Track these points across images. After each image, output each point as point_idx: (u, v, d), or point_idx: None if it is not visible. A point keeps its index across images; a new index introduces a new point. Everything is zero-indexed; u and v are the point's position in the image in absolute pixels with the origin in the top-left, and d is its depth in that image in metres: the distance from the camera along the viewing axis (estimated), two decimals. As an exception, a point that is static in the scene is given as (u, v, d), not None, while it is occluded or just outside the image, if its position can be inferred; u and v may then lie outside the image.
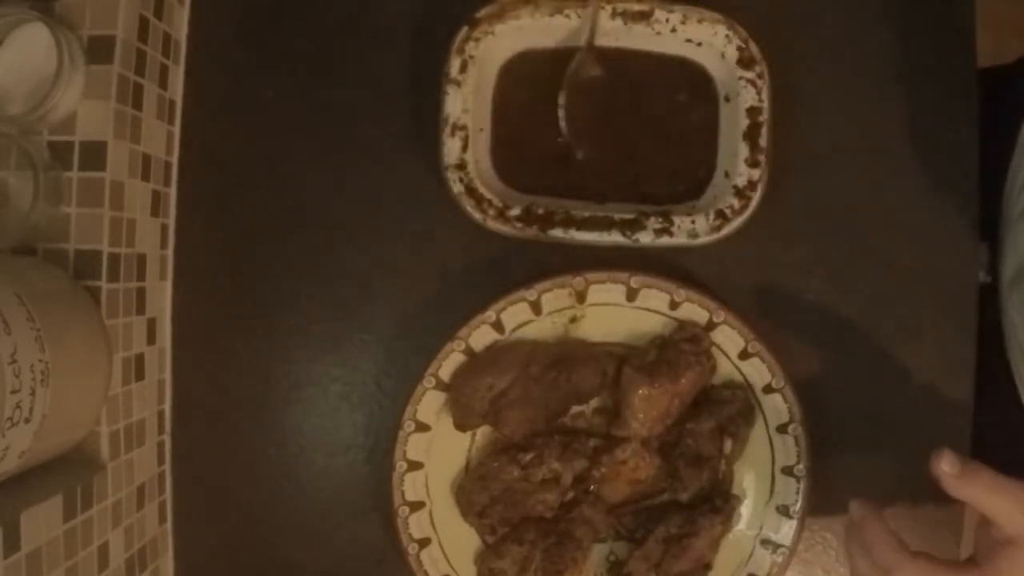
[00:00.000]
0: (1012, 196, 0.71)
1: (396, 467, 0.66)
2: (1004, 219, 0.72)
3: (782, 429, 0.65)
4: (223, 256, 0.71)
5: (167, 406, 0.70)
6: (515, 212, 0.65)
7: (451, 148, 0.65)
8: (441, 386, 0.66)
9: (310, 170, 0.70)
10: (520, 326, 0.66)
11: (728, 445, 0.66)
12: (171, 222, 0.70)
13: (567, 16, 0.65)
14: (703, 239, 0.64)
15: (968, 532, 0.64)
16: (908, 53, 0.69)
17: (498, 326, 0.65)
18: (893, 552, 0.49)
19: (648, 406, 0.63)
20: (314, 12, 0.71)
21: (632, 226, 0.64)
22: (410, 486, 0.66)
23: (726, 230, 0.64)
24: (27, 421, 0.51)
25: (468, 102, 0.65)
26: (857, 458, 0.68)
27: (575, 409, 0.67)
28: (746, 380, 0.66)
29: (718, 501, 0.65)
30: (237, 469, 0.71)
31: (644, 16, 0.65)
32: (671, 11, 0.65)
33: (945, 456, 0.49)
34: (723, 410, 0.65)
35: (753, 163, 0.64)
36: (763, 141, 0.64)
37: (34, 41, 0.59)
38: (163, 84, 0.67)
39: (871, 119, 0.69)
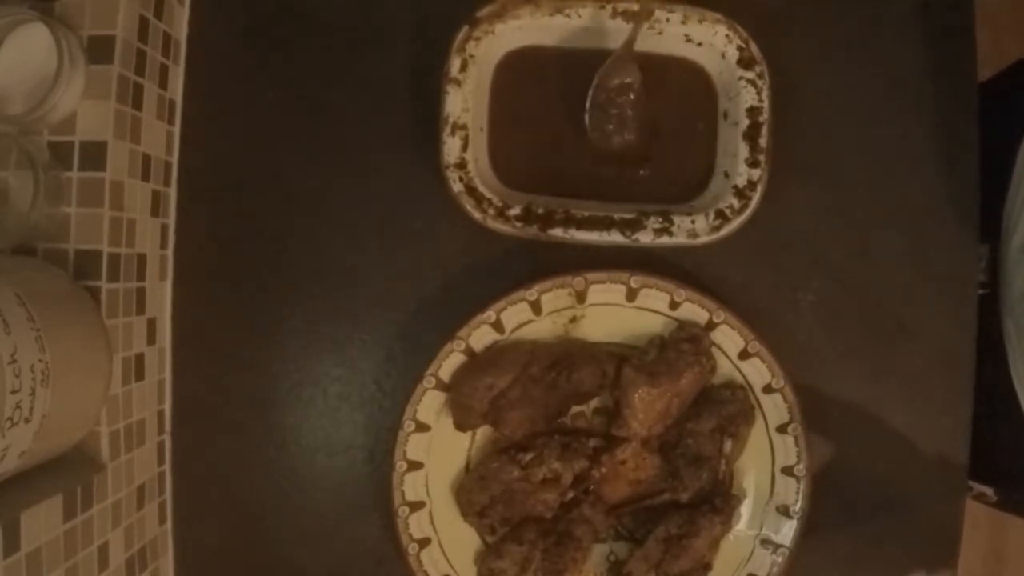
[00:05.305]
0: (1010, 222, 0.70)
1: (396, 467, 0.66)
2: (1002, 249, 0.71)
3: (782, 429, 0.65)
4: (223, 256, 0.71)
5: (167, 406, 0.70)
6: (515, 211, 0.65)
7: (451, 147, 0.65)
8: (441, 386, 0.66)
9: (310, 170, 0.70)
10: (520, 326, 0.66)
11: (728, 445, 0.66)
12: (171, 222, 0.70)
13: (567, 15, 0.65)
14: (703, 239, 0.64)
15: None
16: (908, 53, 0.69)
17: (498, 326, 0.65)
18: None
19: (648, 406, 0.63)
20: (314, 12, 0.71)
21: (632, 226, 0.64)
22: (410, 486, 0.66)
23: (726, 230, 0.64)
24: (27, 421, 0.51)
25: (468, 101, 0.65)
26: (857, 458, 0.68)
27: (575, 409, 0.67)
28: (746, 380, 0.66)
29: (718, 501, 0.65)
30: (237, 469, 0.71)
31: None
32: (671, 11, 0.65)
33: None
34: (723, 410, 0.65)
35: (753, 163, 0.64)
36: (763, 141, 0.64)
37: (34, 41, 0.59)
38: (163, 84, 0.67)
39: (871, 119, 0.69)
